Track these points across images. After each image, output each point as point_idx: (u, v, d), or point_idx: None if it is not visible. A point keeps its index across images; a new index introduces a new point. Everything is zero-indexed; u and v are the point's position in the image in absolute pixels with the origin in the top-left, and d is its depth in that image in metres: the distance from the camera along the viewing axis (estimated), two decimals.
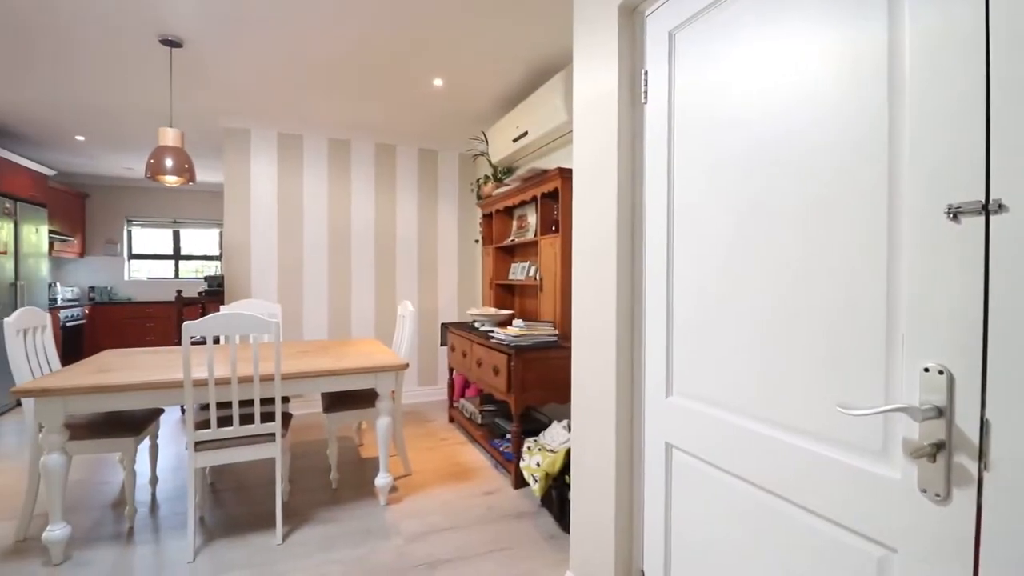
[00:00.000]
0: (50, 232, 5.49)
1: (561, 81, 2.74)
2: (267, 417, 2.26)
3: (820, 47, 0.98)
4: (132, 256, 6.84)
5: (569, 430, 2.42)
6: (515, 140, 3.39)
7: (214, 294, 4.59)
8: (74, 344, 5.69)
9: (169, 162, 2.57)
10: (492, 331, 3.05)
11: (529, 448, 2.44)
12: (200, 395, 2.10)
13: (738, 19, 1.15)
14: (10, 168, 4.43)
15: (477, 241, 4.82)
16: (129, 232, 6.80)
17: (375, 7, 2.35)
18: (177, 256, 7.04)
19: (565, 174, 2.75)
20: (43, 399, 1.94)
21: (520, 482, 2.69)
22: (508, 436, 3.05)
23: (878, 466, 0.89)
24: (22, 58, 2.89)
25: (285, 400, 2.74)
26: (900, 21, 0.86)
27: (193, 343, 2.75)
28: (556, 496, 2.25)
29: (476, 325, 3.48)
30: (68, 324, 5.57)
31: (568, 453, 2.19)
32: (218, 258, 7.20)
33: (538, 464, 2.29)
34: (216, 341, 3.05)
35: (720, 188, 1.21)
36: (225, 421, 2.20)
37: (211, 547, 2.16)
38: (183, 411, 4.29)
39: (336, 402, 2.75)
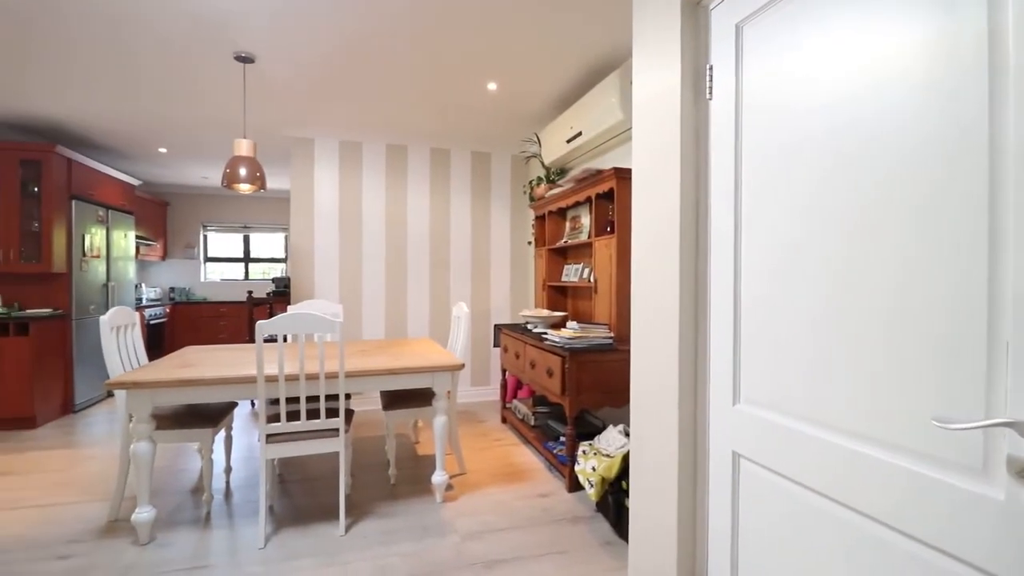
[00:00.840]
0: (136, 237, 5.97)
1: (617, 79, 2.70)
2: (331, 413, 2.35)
3: (906, 32, 0.91)
4: (207, 259, 7.34)
5: (626, 435, 2.38)
6: (569, 141, 3.37)
7: (281, 295, 4.84)
8: (156, 340, 6.16)
9: (243, 171, 2.74)
10: (546, 333, 3.05)
11: (584, 452, 2.42)
12: (270, 390, 2.22)
13: (817, 7, 1.09)
14: (103, 179, 4.86)
15: (530, 243, 4.82)
16: (205, 237, 7.31)
17: (432, 16, 2.41)
18: (247, 259, 7.50)
19: (621, 174, 2.71)
20: (134, 391, 2.11)
21: (575, 485, 2.67)
22: (562, 439, 3.04)
23: (978, 485, 0.82)
24: (114, 79, 3.17)
25: (347, 397, 2.85)
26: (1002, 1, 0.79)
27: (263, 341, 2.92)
28: (613, 502, 2.21)
29: (529, 327, 3.48)
30: (152, 322, 6.04)
31: (625, 458, 2.15)
32: (284, 260, 7.59)
33: (594, 468, 2.27)
34: (284, 339, 3.22)
35: (794, 186, 1.15)
36: (293, 416, 2.31)
37: (280, 535, 2.27)
38: (253, 405, 4.55)
39: (395, 400, 2.83)
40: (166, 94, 3.44)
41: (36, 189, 4.06)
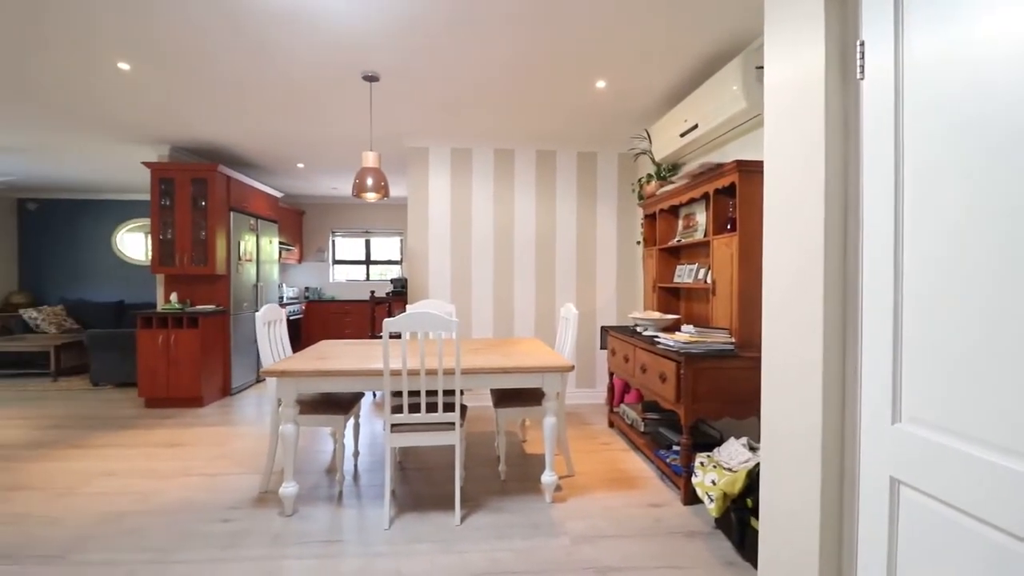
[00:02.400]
0: (279, 243, 6.75)
1: (739, 65, 2.52)
2: (446, 408, 2.47)
3: None
4: (335, 262, 8.11)
5: (750, 448, 2.21)
6: (682, 135, 3.22)
7: (398, 294, 5.19)
8: (294, 335, 6.91)
9: (370, 181, 2.97)
10: (657, 336, 2.93)
11: (702, 464, 2.29)
12: (394, 383, 2.38)
13: None
14: (254, 193, 5.56)
15: (638, 243, 4.68)
16: (333, 241, 8.08)
17: (542, 19, 2.42)
18: (368, 261, 8.16)
19: (745, 167, 2.52)
20: (283, 379, 2.39)
21: (690, 498, 2.54)
22: (675, 448, 2.90)
23: None
24: (262, 106, 3.61)
25: (460, 393, 2.97)
26: None
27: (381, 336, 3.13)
28: (736, 520, 2.06)
29: (638, 329, 3.37)
30: (291, 318, 6.79)
31: (750, 474, 2.00)
32: (399, 263, 8.14)
33: (714, 482, 2.13)
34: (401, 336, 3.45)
35: (978, 173, 0.98)
36: (413, 408, 2.46)
37: (402, 519, 2.43)
38: (374, 396, 4.92)
39: (505, 398, 2.90)
40: (305, 115, 3.85)
41: (203, 203, 4.75)
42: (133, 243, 7.36)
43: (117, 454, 3.31)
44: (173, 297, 4.75)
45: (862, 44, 1.26)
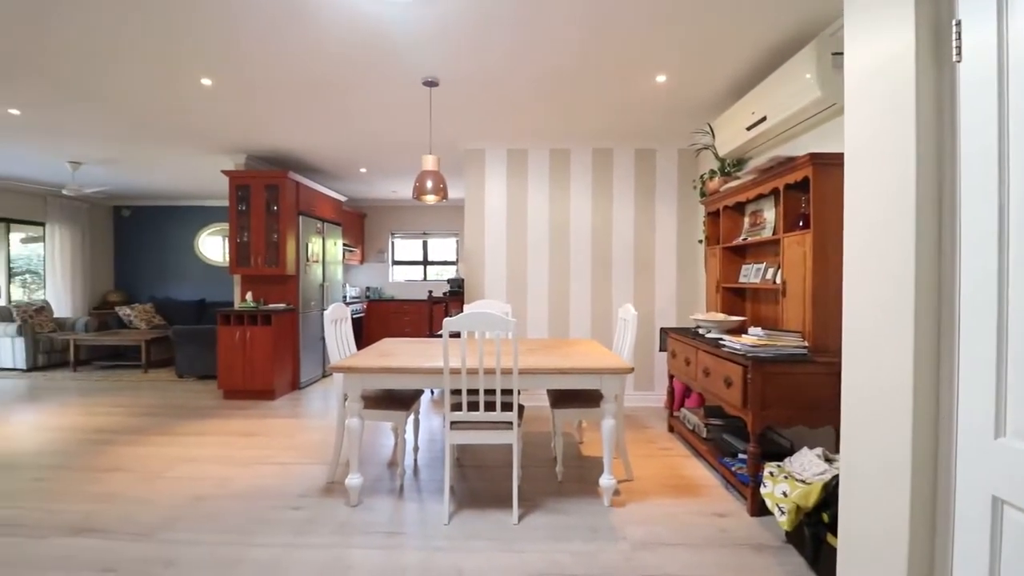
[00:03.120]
0: (343, 245, 7.05)
1: (813, 52, 2.38)
2: (505, 406, 2.48)
3: None
4: (394, 262, 8.37)
5: (826, 460, 2.08)
6: (749, 128, 3.08)
7: (455, 294, 5.28)
8: (356, 333, 7.19)
9: (430, 184, 3.05)
10: (722, 339, 2.81)
11: (772, 474, 2.17)
12: (454, 381, 2.42)
13: None
14: (320, 197, 5.83)
15: (700, 241, 4.52)
16: (392, 243, 8.34)
17: (601, 17, 2.39)
18: (425, 262, 8.37)
19: (820, 160, 2.37)
20: (349, 375, 2.48)
21: (758, 509, 2.42)
22: (740, 455, 2.77)
23: None
24: (327, 115, 3.77)
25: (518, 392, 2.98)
26: None
27: (439, 335, 3.20)
28: (810, 535, 1.94)
29: (700, 331, 3.26)
30: (353, 317, 7.07)
31: (826, 487, 1.88)
32: (455, 263, 8.29)
33: (785, 494, 2.02)
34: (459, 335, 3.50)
35: None
36: (472, 407, 2.49)
37: (460, 515, 2.47)
38: (432, 393, 5.03)
39: (562, 399, 2.88)
40: (368, 122, 4.00)
41: (275, 208, 5.04)
42: (213, 246, 7.93)
43: (199, 441, 3.57)
44: (249, 296, 5.06)
45: (958, 24, 1.16)
